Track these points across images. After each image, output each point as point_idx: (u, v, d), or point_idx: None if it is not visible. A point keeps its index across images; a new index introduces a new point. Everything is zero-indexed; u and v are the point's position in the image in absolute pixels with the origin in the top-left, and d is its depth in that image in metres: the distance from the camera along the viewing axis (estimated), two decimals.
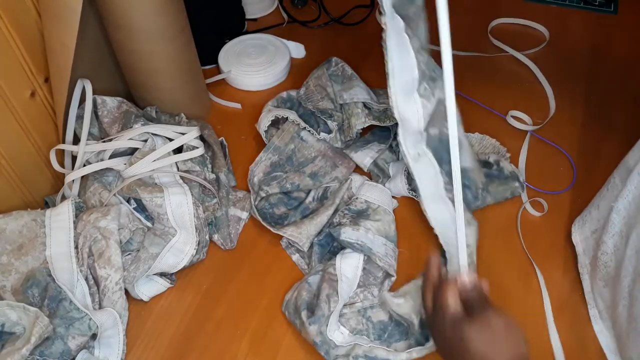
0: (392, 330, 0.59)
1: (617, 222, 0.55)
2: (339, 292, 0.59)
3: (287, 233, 0.64)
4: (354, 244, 0.61)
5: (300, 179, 0.71)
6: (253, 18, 0.97)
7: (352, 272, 0.61)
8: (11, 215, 0.62)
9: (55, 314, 0.55)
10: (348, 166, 0.73)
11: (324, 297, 0.58)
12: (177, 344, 0.59)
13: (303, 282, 0.61)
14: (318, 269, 0.62)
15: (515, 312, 0.49)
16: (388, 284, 0.62)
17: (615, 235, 0.55)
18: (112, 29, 0.69)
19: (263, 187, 0.69)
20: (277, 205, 0.70)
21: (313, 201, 0.70)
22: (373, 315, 0.59)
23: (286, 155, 0.73)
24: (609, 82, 0.84)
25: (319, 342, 0.56)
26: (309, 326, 0.57)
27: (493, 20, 0.94)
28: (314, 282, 0.61)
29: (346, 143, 0.74)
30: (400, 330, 0.58)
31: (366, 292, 0.61)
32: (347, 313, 0.59)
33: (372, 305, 0.60)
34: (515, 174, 0.69)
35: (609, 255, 0.56)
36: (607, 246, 0.56)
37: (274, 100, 0.77)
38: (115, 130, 0.71)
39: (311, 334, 0.56)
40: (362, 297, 0.61)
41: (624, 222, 0.54)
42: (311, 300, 0.59)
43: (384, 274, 0.62)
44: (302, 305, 0.58)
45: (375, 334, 0.58)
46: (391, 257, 0.62)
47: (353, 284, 0.61)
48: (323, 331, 0.56)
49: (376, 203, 0.66)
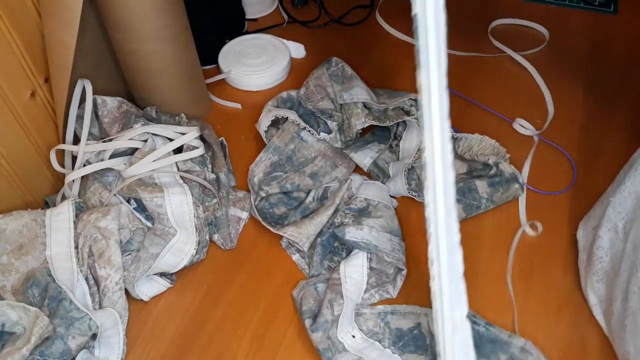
0: (408, 340, 0.58)
1: (613, 217, 0.55)
2: (343, 294, 0.59)
3: (287, 233, 0.64)
4: (359, 242, 0.61)
5: (300, 179, 0.71)
6: (253, 18, 0.97)
7: (358, 272, 0.61)
8: (11, 215, 0.62)
9: (56, 314, 0.55)
10: (348, 166, 0.73)
11: (326, 303, 0.58)
12: (177, 343, 0.59)
13: (310, 284, 0.61)
14: (326, 276, 0.62)
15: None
16: (400, 278, 0.62)
17: (611, 230, 0.55)
18: (112, 29, 0.69)
19: (263, 187, 0.69)
20: (277, 205, 0.70)
21: (313, 201, 0.70)
22: (392, 322, 0.59)
23: (286, 155, 0.73)
24: (609, 82, 0.84)
25: (322, 350, 0.56)
26: (312, 334, 0.57)
27: (493, 21, 0.94)
28: (321, 291, 0.61)
29: (346, 143, 0.74)
30: (417, 344, 0.58)
31: (382, 292, 0.61)
32: (366, 313, 0.59)
33: (394, 311, 0.60)
34: (515, 175, 0.69)
35: (604, 250, 0.56)
36: (603, 241, 0.56)
37: (274, 101, 0.77)
38: (116, 130, 0.71)
39: (314, 341, 0.56)
40: (379, 297, 0.61)
41: (620, 217, 0.54)
42: (316, 308, 0.59)
43: (395, 269, 0.62)
44: (306, 312, 0.58)
45: (391, 339, 0.58)
46: (399, 251, 0.62)
47: (361, 284, 0.61)
48: (331, 335, 0.56)
49: (376, 199, 0.66)
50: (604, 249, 0.56)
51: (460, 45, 0.89)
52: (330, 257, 0.65)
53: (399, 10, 0.98)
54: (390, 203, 0.68)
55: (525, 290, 0.62)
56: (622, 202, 0.54)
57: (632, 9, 0.96)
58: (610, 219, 0.55)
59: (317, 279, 0.62)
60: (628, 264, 0.52)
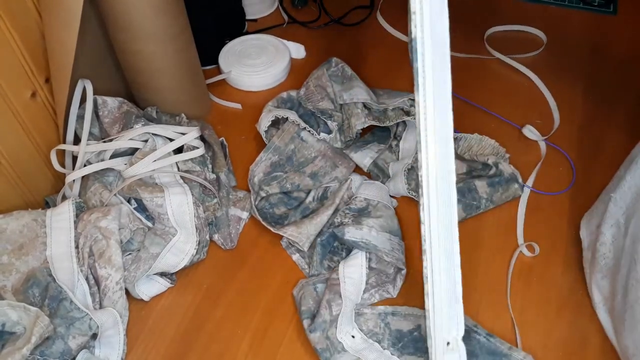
0: (407, 342, 0.58)
1: (614, 212, 0.55)
2: (342, 294, 0.59)
3: (287, 233, 0.64)
4: (358, 242, 0.61)
5: (300, 179, 0.71)
6: (253, 19, 0.97)
7: (357, 272, 0.61)
8: (12, 215, 0.62)
9: (56, 314, 0.55)
10: (348, 166, 0.73)
11: (324, 304, 0.58)
12: (177, 343, 0.59)
13: (310, 284, 0.61)
14: (325, 276, 0.62)
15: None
16: (400, 278, 0.62)
17: (614, 225, 0.55)
18: (113, 29, 0.69)
19: (263, 187, 0.70)
20: (277, 205, 0.70)
21: (313, 201, 0.70)
22: (392, 323, 0.59)
23: (286, 155, 0.73)
24: (609, 82, 0.84)
25: (320, 350, 0.56)
26: (310, 334, 0.57)
27: (489, 28, 0.93)
28: (321, 290, 0.61)
29: (346, 143, 0.74)
30: (416, 346, 0.58)
31: (381, 291, 0.61)
32: (367, 314, 0.59)
33: (395, 312, 0.60)
34: (515, 175, 0.69)
35: (607, 246, 0.56)
36: (606, 237, 0.56)
37: (274, 101, 0.77)
38: (116, 130, 0.71)
39: (313, 341, 0.57)
40: (379, 297, 0.61)
41: (622, 212, 0.54)
42: (315, 309, 0.59)
43: (395, 269, 0.62)
44: (305, 313, 0.59)
45: (390, 340, 0.58)
46: (398, 251, 0.62)
47: (360, 283, 0.61)
48: (330, 335, 0.56)
49: (375, 199, 0.66)
50: (606, 245, 0.56)
51: (459, 46, 0.89)
52: (330, 256, 0.65)
53: (399, 10, 0.98)
54: (390, 203, 0.68)
55: (525, 290, 0.62)
56: (623, 196, 0.54)
57: (632, 9, 0.96)
58: (612, 214, 0.55)
59: (317, 278, 0.62)
60: (628, 258, 0.52)
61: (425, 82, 0.43)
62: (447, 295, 0.48)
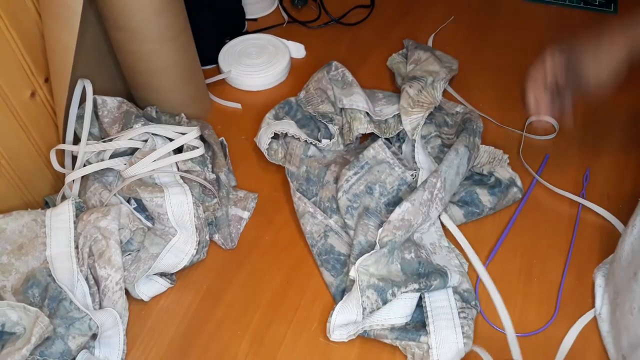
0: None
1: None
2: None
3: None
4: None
5: (330, 190, 0.69)
6: (253, 18, 0.97)
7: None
8: (11, 215, 0.62)
9: (56, 314, 0.55)
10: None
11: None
12: (177, 343, 0.59)
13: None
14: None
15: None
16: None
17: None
18: (113, 29, 0.69)
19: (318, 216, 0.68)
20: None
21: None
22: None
23: (304, 178, 0.71)
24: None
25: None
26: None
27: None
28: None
29: (347, 147, 0.74)
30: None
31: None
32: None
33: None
34: (513, 179, 0.68)
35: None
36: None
37: (271, 112, 0.76)
38: (116, 130, 0.71)
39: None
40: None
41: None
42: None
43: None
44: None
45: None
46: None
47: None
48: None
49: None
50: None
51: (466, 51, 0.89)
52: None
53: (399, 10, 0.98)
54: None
55: (525, 290, 0.62)
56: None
57: (632, 9, 0.96)
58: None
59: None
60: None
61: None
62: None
